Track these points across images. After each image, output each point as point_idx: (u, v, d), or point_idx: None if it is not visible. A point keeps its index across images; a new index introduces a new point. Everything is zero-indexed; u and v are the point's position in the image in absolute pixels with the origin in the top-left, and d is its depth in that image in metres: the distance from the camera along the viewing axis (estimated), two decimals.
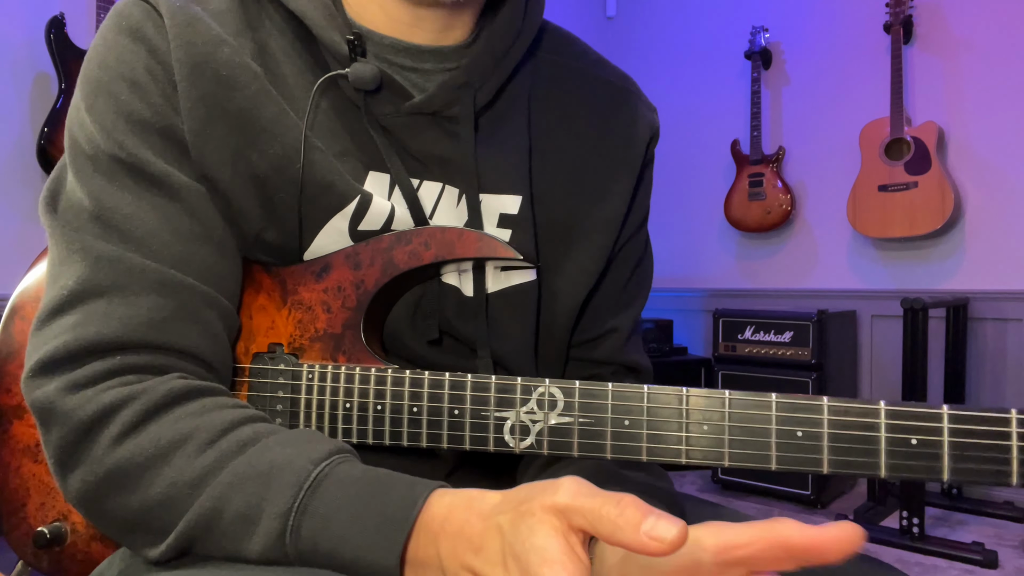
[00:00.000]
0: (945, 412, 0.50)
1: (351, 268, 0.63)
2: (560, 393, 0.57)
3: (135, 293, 0.56)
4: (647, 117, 0.75)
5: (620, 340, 0.74)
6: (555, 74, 0.72)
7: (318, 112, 0.63)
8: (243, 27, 0.62)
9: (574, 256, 0.70)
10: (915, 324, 2.27)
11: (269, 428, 0.56)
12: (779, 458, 0.53)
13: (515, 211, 0.67)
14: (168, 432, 0.53)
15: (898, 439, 0.51)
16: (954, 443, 0.50)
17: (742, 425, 0.54)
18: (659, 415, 0.55)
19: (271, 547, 0.50)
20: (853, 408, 0.52)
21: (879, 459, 0.51)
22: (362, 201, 0.62)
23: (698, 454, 0.54)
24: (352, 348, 0.63)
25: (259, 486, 0.51)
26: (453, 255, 0.62)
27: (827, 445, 0.52)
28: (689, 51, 3.58)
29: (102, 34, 0.62)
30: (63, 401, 0.53)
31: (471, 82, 0.64)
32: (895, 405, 0.51)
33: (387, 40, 0.64)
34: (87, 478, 0.53)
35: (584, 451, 0.56)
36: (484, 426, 0.58)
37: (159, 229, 0.58)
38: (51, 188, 0.61)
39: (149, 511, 0.52)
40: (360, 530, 0.48)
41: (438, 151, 0.65)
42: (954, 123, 2.83)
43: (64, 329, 0.55)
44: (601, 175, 0.71)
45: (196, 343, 0.58)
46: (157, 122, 0.59)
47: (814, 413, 0.52)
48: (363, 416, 0.61)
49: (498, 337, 0.67)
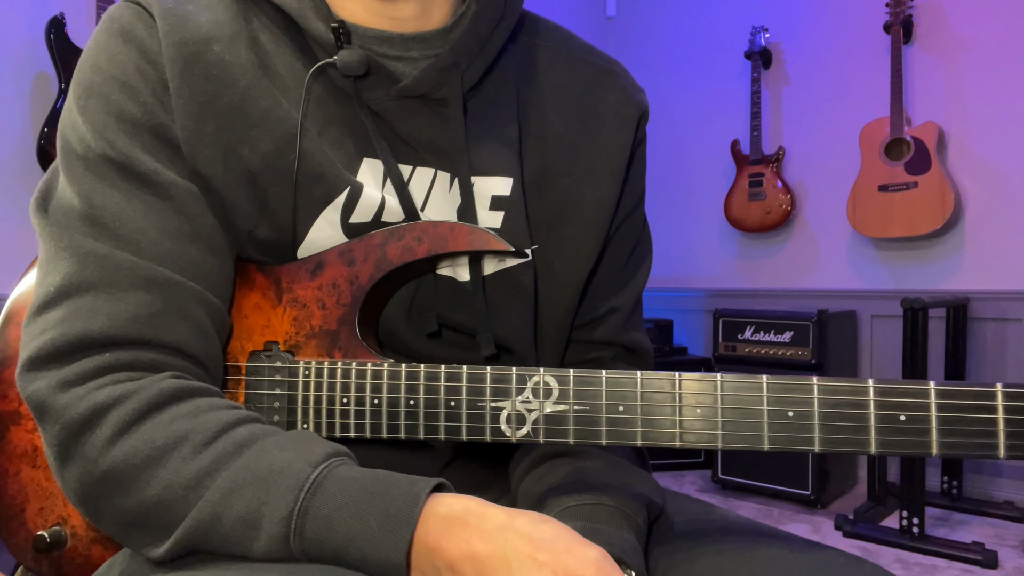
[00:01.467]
0: (932, 388, 0.51)
1: (345, 264, 0.64)
2: (555, 381, 0.57)
3: (122, 289, 0.56)
4: (635, 97, 0.75)
5: (620, 319, 0.74)
6: (541, 58, 0.73)
7: (311, 101, 0.64)
8: (235, 22, 0.63)
9: (570, 237, 0.70)
10: (915, 324, 2.27)
11: (265, 429, 0.56)
12: (771, 438, 0.54)
13: (507, 192, 0.67)
14: (162, 433, 0.53)
15: (887, 415, 0.52)
16: (942, 418, 0.51)
17: (734, 407, 0.55)
18: (653, 400, 0.56)
19: (276, 550, 0.50)
20: (843, 387, 0.53)
21: (869, 436, 0.52)
22: (352, 192, 0.63)
23: (691, 437, 0.55)
24: (348, 344, 0.63)
25: (258, 490, 0.51)
26: (446, 249, 0.63)
27: (818, 424, 0.53)
28: (689, 51, 3.58)
29: (95, 37, 0.62)
30: (55, 399, 0.54)
31: (457, 63, 0.65)
32: (883, 383, 0.52)
33: (370, 32, 0.65)
34: (83, 477, 0.53)
35: (580, 438, 0.57)
36: (480, 416, 0.59)
37: (148, 227, 0.58)
38: (43, 189, 0.62)
39: (146, 512, 0.52)
40: (364, 530, 0.49)
41: (429, 135, 0.65)
42: (954, 123, 2.83)
43: (51, 324, 0.55)
44: (592, 156, 0.71)
45: (185, 339, 0.58)
46: (148, 121, 0.59)
47: (804, 393, 0.53)
48: (360, 411, 0.62)
49: (496, 320, 0.67)
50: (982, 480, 2.76)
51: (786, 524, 2.52)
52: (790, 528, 2.47)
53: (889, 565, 2.16)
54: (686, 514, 0.69)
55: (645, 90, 0.78)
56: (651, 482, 0.68)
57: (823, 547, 0.61)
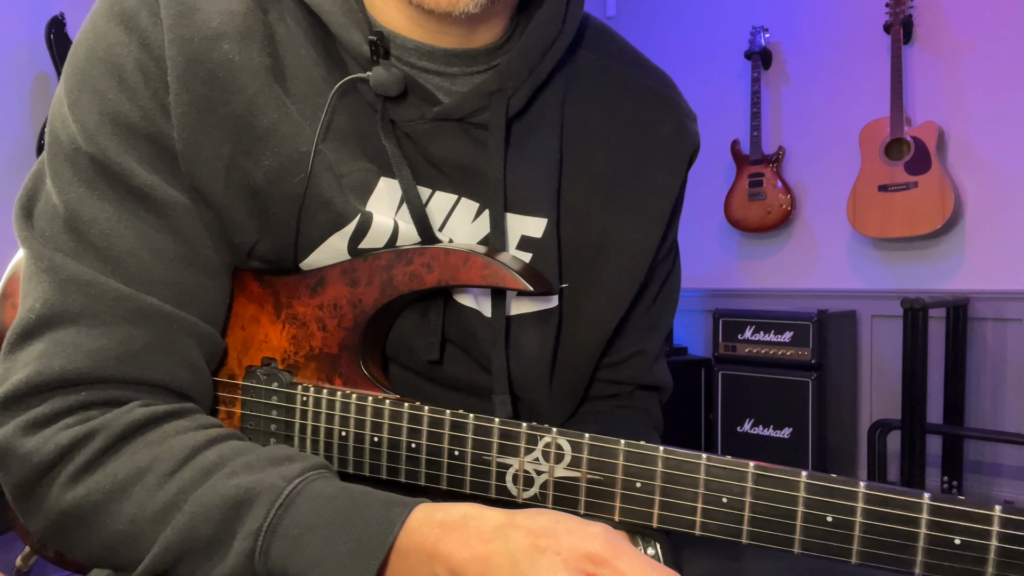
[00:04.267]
0: (997, 515, 0.45)
1: (347, 285, 0.59)
2: (568, 446, 0.53)
3: (106, 323, 0.52)
4: (689, 129, 0.69)
5: (646, 362, 0.71)
6: (593, 76, 0.66)
7: (330, 115, 0.58)
8: (251, 15, 0.56)
9: (604, 279, 0.65)
10: (915, 324, 2.27)
11: (235, 448, 0.53)
12: (803, 543, 0.48)
13: (539, 235, 0.62)
14: (125, 466, 0.50)
15: (939, 538, 0.46)
16: (1002, 549, 0.45)
17: (766, 504, 0.48)
18: (674, 481, 0.50)
19: (241, 568, 0.48)
20: (893, 499, 0.46)
21: (916, 557, 0.46)
22: (362, 222, 0.58)
23: (714, 528, 0.50)
24: (349, 371, 0.59)
25: (228, 510, 0.49)
26: (457, 280, 0.57)
27: (858, 536, 0.47)
28: (689, 51, 3.58)
29: (92, 18, 0.56)
30: (20, 443, 0.51)
31: (503, 88, 0.59)
32: (940, 501, 0.46)
33: (410, 43, 0.59)
34: (47, 516, 0.51)
35: (591, 510, 0.52)
36: (486, 472, 0.55)
37: (138, 248, 0.54)
38: (28, 190, 0.57)
39: (113, 548, 0.51)
40: (332, 553, 0.46)
41: (461, 160, 0.60)
42: (954, 123, 2.83)
43: (31, 359, 0.52)
44: (638, 192, 0.66)
45: (172, 375, 0.55)
46: (145, 128, 0.54)
47: (848, 500, 0.47)
48: (359, 448, 0.58)
49: (513, 358, 0.62)
50: (982, 480, 2.76)
51: None
52: None
53: None
54: None
55: None
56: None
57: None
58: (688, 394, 3.02)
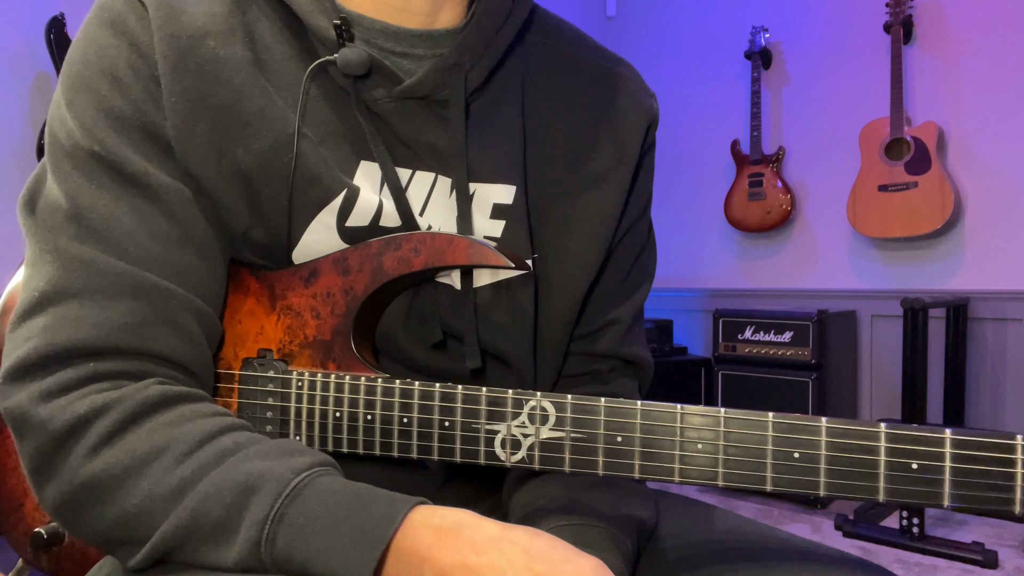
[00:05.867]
0: (948, 437, 0.49)
1: (339, 274, 0.62)
2: (552, 407, 0.56)
3: (109, 297, 0.55)
4: (645, 103, 0.73)
5: (621, 332, 0.72)
6: (549, 59, 0.70)
7: (308, 100, 0.62)
8: (232, 16, 0.60)
9: (572, 247, 0.68)
10: (915, 324, 2.27)
11: (249, 438, 0.55)
12: (775, 479, 0.52)
13: (509, 201, 0.65)
14: (144, 443, 0.52)
15: (898, 463, 0.49)
16: (956, 468, 0.48)
17: (737, 445, 0.52)
18: (653, 432, 0.54)
19: (247, 555, 0.49)
20: (852, 430, 0.50)
21: (878, 483, 0.50)
22: (349, 195, 0.61)
23: (692, 473, 0.53)
24: (342, 355, 0.62)
25: (238, 495, 0.50)
26: (443, 262, 0.61)
27: (824, 467, 0.51)
28: (689, 51, 3.58)
29: (85, 27, 0.60)
30: (36, 411, 0.52)
31: (460, 63, 0.63)
32: (895, 428, 0.49)
33: (376, 24, 0.63)
34: (63, 488, 0.52)
35: (575, 467, 0.55)
36: (475, 439, 0.58)
37: (136, 230, 0.57)
38: (31, 188, 0.60)
39: (125, 523, 0.52)
40: (336, 543, 0.48)
41: (429, 138, 0.63)
42: (954, 123, 2.83)
43: (35, 332, 0.54)
44: (598, 163, 0.69)
45: (173, 347, 0.57)
46: (138, 119, 0.57)
47: (812, 434, 0.51)
48: (353, 426, 0.61)
49: (493, 330, 0.66)
50: None
51: (786, 524, 2.52)
52: (790, 528, 2.47)
53: (889, 565, 2.16)
54: (683, 523, 0.68)
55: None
56: (645, 497, 0.66)
57: (823, 556, 0.60)
58: (688, 394, 3.02)
